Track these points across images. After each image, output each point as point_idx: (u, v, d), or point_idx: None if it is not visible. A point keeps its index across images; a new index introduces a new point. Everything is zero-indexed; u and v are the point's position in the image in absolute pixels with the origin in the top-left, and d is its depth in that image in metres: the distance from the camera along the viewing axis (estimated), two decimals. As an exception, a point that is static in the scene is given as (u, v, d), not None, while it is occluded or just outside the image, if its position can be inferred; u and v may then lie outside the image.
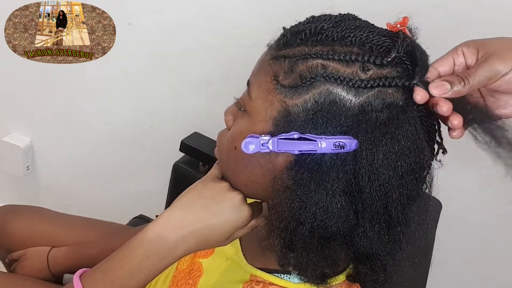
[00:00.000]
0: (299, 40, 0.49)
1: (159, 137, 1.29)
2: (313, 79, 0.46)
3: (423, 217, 0.51)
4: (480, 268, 1.15)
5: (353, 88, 0.46)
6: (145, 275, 0.53)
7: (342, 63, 0.46)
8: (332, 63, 0.46)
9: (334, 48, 0.47)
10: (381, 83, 0.45)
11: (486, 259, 1.14)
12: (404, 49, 0.46)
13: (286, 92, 0.48)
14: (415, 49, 0.48)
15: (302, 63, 0.47)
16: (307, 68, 0.47)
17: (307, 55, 0.47)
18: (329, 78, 0.46)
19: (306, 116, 0.47)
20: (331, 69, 0.46)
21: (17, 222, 0.88)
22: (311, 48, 0.48)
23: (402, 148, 0.46)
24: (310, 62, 0.47)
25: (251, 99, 0.51)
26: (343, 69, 0.46)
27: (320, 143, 0.46)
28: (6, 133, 1.43)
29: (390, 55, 0.46)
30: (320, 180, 0.47)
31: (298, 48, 0.48)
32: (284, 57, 0.49)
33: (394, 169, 0.46)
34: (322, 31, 0.48)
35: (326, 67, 0.46)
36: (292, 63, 0.48)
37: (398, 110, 0.46)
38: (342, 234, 0.49)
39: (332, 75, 0.46)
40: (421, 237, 0.51)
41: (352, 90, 0.46)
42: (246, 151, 0.49)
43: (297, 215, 0.48)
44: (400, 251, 0.51)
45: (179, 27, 1.13)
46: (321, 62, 0.46)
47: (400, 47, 0.46)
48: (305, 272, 0.52)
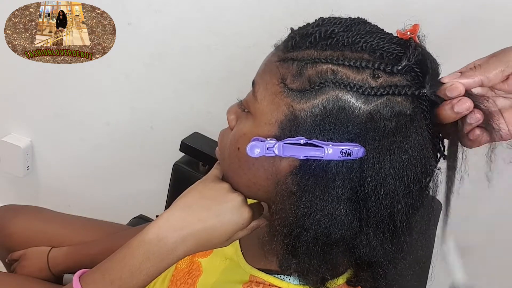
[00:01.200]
0: (309, 43, 0.48)
1: (159, 137, 1.29)
2: (322, 84, 0.45)
3: (426, 226, 0.51)
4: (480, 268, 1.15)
5: (362, 95, 0.45)
6: (145, 276, 0.53)
7: (352, 69, 0.45)
8: (342, 69, 0.46)
9: (345, 54, 0.46)
10: (391, 91, 0.45)
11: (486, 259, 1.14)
12: (415, 57, 0.46)
13: (294, 96, 0.47)
14: (426, 57, 0.47)
15: (311, 67, 0.46)
16: (316, 72, 0.46)
17: (316, 59, 0.46)
18: (338, 84, 0.45)
19: (314, 121, 0.46)
20: (341, 75, 0.45)
21: (17, 222, 0.87)
22: (320, 52, 0.47)
23: (409, 157, 0.46)
24: (320, 67, 0.46)
25: (257, 100, 0.50)
26: (353, 75, 0.45)
27: (327, 149, 0.45)
28: (6, 133, 1.43)
29: (400, 63, 0.46)
30: (326, 186, 0.46)
31: (307, 52, 0.48)
32: (293, 59, 0.48)
33: (401, 179, 0.46)
34: (332, 35, 0.47)
35: (336, 72, 0.46)
36: (300, 66, 0.47)
37: (407, 119, 0.45)
38: (346, 241, 0.49)
39: (342, 81, 0.45)
40: (424, 246, 0.51)
41: (362, 98, 0.45)
42: (251, 154, 0.48)
43: (301, 222, 0.48)
44: (402, 260, 0.51)
45: (179, 27, 1.13)
46: (331, 67, 0.46)
47: (411, 56, 0.46)
48: (305, 277, 0.52)
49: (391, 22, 0.52)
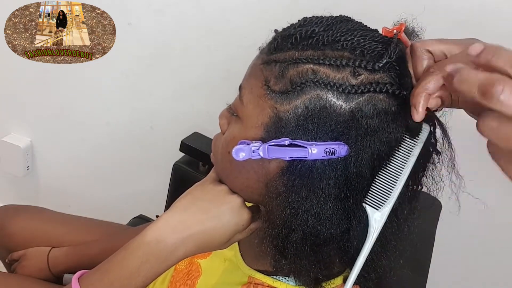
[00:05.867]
0: (290, 44, 0.48)
1: (159, 137, 1.29)
2: (303, 85, 0.45)
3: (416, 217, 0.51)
4: (480, 268, 1.15)
5: (343, 93, 0.45)
6: (144, 278, 0.53)
7: (333, 68, 0.45)
8: (322, 68, 0.45)
9: (325, 53, 0.46)
10: (372, 89, 0.45)
11: (486, 259, 1.14)
12: (396, 54, 0.46)
13: (277, 98, 0.47)
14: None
15: (292, 68, 0.46)
16: (297, 73, 0.46)
17: (297, 60, 0.46)
18: (319, 83, 0.45)
19: (297, 122, 0.46)
20: (321, 74, 0.45)
21: (17, 222, 0.88)
22: (301, 52, 0.47)
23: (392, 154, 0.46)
24: (301, 67, 0.46)
25: (243, 104, 0.50)
26: (333, 74, 0.45)
27: (311, 149, 0.45)
28: (6, 133, 1.43)
29: (381, 61, 0.45)
30: (312, 186, 0.47)
31: (289, 53, 0.47)
32: (275, 61, 0.48)
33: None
34: (312, 35, 0.47)
35: (316, 72, 0.45)
36: (282, 68, 0.47)
37: (389, 117, 0.46)
38: (335, 241, 0.49)
39: (322, 80, 0.45)
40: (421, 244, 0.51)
41: (342, 96, 0.45)
42: (236, 158, 0.48)
43: (289, 222, 0.48)
44: (396, 253, 0.51)
45: (179, 27, 1.13)
46: (311, 67, 0.46)
47: (392, 53, 0.45)
48: (298, 277, 0.52)
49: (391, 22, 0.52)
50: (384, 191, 0.47)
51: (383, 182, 0.47)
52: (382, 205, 0.47)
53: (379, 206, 0.47)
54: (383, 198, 0.47)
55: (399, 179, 0.47)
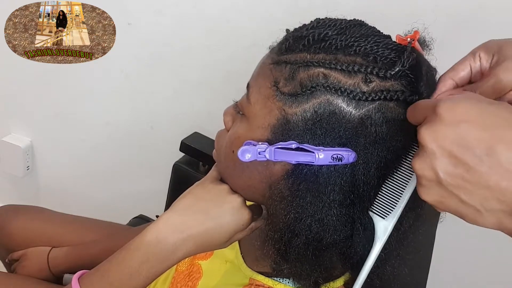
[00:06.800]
0: (302, 46, 0.47)
1: (159, 137, 1.29)
2: (313, 88, 0.45)
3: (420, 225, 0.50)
4: (480, 268, 1.15)
5: (353, 100, 0.44)
6: (144, 278, 0.52)
7: (344, 73, 0.45)
8: (334, 73, 0.45)
9: (337, 57, 0.45)
10: (383, 96, 0.44)
11: (486, 259, 1.14)
12: (409, 63, 0.45)
13: (286, 100, 0.46)
14: (422, 63, 0.46)
15: (303, 71, 0.46)
16: (308, 76, 0.45)
17: (309, 63, 0.46)
18: (330, 88, 0.44)
19: (305, 126, 0.46)
20: (333, 79, 0.45)
21: (17, 222, 0.88)
22: (313, 55, 0.46)
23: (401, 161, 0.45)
24: (312, 71, 0.45)
25: (250, 103, 0.50)
26: (345, 79, 0.45)
27: (318, 154, 0.45)
28: (6, 133, 1.43)
29: (394, 68, 0.45)
30: (317, 192, 0.46)
31: (300, 55, 0.47)
32: (286, 62, 0.47)
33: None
34: (326, 38, 0.46)
35: (328, 76, 0.45)
36: (293, 70, 0.46)
37: (398, 126, 0.45)
38: (338, 246, 0.49)
39: (333, 85, 0.44)
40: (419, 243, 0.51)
41: (353, 102, 0.44)
42: (242, 159, 0.48)
43: (292, 227, 0.48)
44: (398, 259, 0.51)
45: (179, 27, 1.13)
46: (323, 71, 0.45)
47: (405, 61, 0.45)
48: (298, 280, 0.52)
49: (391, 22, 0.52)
50: (391, 200, 0.46)
51: (390, 191, 0.46)
52: (388, 214, 0.46)
53: (385, 215, 0.46)
54: (389, 207, 0.46)
55: (406, 189, 0.45)
